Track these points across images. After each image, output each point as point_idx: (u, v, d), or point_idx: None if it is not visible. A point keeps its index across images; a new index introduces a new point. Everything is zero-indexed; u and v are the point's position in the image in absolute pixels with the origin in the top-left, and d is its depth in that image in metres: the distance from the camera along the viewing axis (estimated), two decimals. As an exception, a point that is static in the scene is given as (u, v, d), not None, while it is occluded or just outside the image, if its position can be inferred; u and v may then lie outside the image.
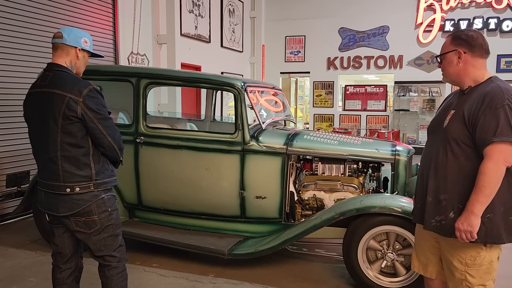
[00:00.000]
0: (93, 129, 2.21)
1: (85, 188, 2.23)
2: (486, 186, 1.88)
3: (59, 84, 2.19)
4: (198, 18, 8.92)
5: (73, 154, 2.21)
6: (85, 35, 2.36)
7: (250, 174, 3.53)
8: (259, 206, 3.57)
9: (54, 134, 2.18)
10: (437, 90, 11.26)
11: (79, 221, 2.26)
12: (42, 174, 2.29)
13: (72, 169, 2.21)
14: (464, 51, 2.03)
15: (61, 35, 2.28)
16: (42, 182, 2.29)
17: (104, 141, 2.26)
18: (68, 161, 2.20)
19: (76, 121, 2.18)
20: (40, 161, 2.30)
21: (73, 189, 2.21)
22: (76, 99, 2.16)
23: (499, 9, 10.53)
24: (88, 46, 2.36)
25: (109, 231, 2.33)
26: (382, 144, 3.63)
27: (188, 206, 3.71)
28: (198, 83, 3.68)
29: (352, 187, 3.53)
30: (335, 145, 3.56)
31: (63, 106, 2.15)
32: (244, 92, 3.52)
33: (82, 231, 2.28)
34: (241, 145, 3.50)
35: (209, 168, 3.57)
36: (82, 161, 2.23)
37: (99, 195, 2.27)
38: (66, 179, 2.21)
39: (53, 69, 2.27)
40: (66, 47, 2.28)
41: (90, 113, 2.18)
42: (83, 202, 2.23)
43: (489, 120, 1.89)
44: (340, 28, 12.12)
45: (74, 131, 2.19)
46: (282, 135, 3.63)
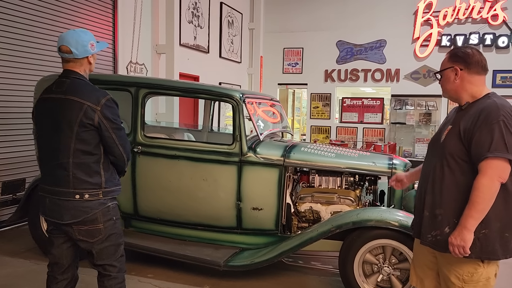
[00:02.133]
0: (107, 138, 2.24)
1: (94, 195, 2.23)
2: (479, 201, 1.89)
3: (77, 92, 2.21)
4: (197, 28, 8.99)
5: (85, 161, 2.22)
6: (89, 38, 2.31)
7: (247, 185, 3.53)
8: (256, 217, 3.56)
9: (67, 140, 2.19)
10: (433, 104, 11.33)
11: (82, 229, 2.24)
12: (49, 179, 2.26)
13: (83, 176, 2.21)
14: (461, 68, 2.06)
15: (69, 50, 2.23)
16: (48, 188, 2.26)
17: (116, 150, 2.29)
18: (79, 168, 2.21)
19: (91, 129, 2.20)
20: (47, 167, 2.28)
21: (82, 196, 2.21)
22: (94, 107, 2.18)
23: (495, 25, 10.66)
24: (95, 48, 2.34)
25: (112, 240, 2.32)
26: (379, 157, 3.65)
27: (184, 216, 3.70)
28: (196, 93, 3.70)
29: (348, 200, 3.54)
30: (332, 158, 3.57)
31: (80, 114, 2.16)
32: (243, 103, 3.54)
33: (84, 240, 2.26)
34: (238, 156, 3.51)
35: (206, 179, 3.57)
36: (93, 169, 2.24)
37: (106, 203, 2.27)
38: (76, 185, 2.20)
39: (70, 76, 2.27)
40: (78, 60, 2.27)
41: (106, 122, 2.21)
42: (89, 210, 2.22)
43: (484, 135, 1.91)
44: (338, 41, 12.21)
45: (88, 138, 2.20)
46: (279, 147, 3.64)
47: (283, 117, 4.52)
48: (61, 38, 2.27)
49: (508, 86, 10.69)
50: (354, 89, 13.48)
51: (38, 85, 4.01)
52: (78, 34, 2.29)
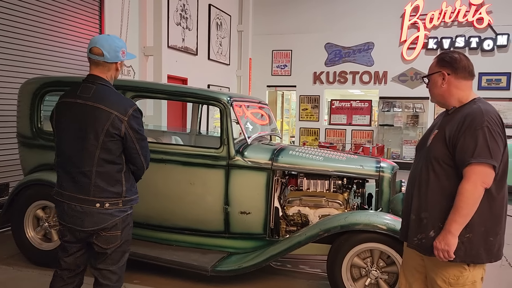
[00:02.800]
0: (131, 148, 2.24)
1: (114, 204, 2.22)
2: (463, 206, 1.90)
3: (104, 100, 2.19)
4: (186, 30, 8.94)
5: (107, 170, 2.20)
6: (122, 45, 2.31)
7: (235, 189, 3.50)
8: (244, 221, 3.54)
9: (92, 148, 2.16)
10: (420, 106, 11.44)
11: (100, 235, 2.23)
12: (68, 186, 2.23)
13: (104, 185, 2.20)
14: (448, 73, 2.08)
15: (101, 53, 2.23)
16: (67, 194, 2.22)
17: (138, 161, 2.29)
18: (101, 177, 2.19)
19: (117, 139, 2.19)
20: (66, 173, 2.24)
21: (102, 205, 2.20)
22: (122, 117, 2.17)
23: (480, 28, 10.81)
24: (125, 56, 2.35)
25: (124, 246, 2.33)
26: (366, 160, 3.65)
27: (171, 221, 3.66)
28: (184, 97, 3.67)
29: (336, 203, 3.53)
30: (320, 161, 3.57)
31: (107, 123, 2.15)
32: (230, 106, 3.51)
33: (100, 246, 2.26)
34: (226, 160, 3.48)
35: (193, 183, 3.54)
36: (115, 178, 2.23)
37: (126, 211, 2.29)
38: (96, 194, 2.19)
39: (96, 82, 2.24)
40: (107, 64, 2.26)
41: (132, 132, 2.21)
42: (110, 217, 2.21)
43: (468, 141, 1.92)
44: (326, 44, 12.27)
45: (113, 148, 2.19)
46: (267, 150, 3.62)
47: (271, 119, 4.51)
48: (94, 40, 2.26)
49: (493, 89, 10.85)
50: (343, 91, 13.55)
51: (22, 88, 3.94)
52: (112, 39, 2.30)
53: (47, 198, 3.63)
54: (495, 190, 1.96)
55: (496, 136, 1.92)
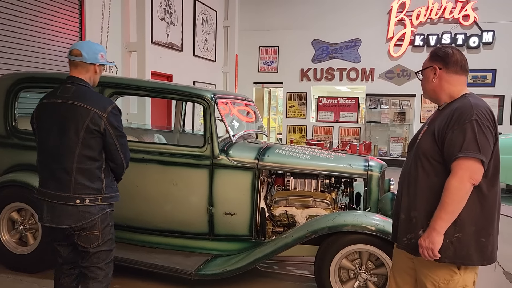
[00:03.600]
0: (111, 144, 2.31)
1: (94, 200, 2.28)
2: (449, 202, 1.83)
3: (84, 98, 2.28)
4: (170, 26, 8.75)
5: (88, 166, 2.27)
6: (101, 49, 2.44)
7: (219, 189, 3.38)
8: (228, 223, 3.42)
9: (73, 145, 2.23)
10: (407, 103, 11.45)
11: (81, 235, 2.29)
12: (47, 183, 2.30)
13: (84, 181, 2.25)
14: (440, 67, 2.01)
15: (79, 53, 2.34)
16: (47, 193, 2.28)
17: (117, 158, 2.36)
18: (81, 173, 2.25)
19: (97, 135, 2.26)
20: (48, 171, 2.31)
21: (82, 201, 2.25)
22: (101, 114, 2.26)
23: (466, 25, 10.84)
24: (104, 60, 2.45)
25: (107, 245, 2.39)
26: (354, 159, 3.56)
27: (153, 223, 3.52)
28: (166, 94, 3.52)
29: (324, 203, 3.43)
30: (308, 160, 3.46)
31: (87, 120, 2.23)
32: (214, 104, 3.38)
33: (82, 245, 2.33)
34: (210, 159, 3.35)
35: (176, 183, 3.40)
36: (95, 174, 2.29)
37: (105, 209, 2.33)
38: (77, 190, 2.24)
39: (76, 83, 2.33)
40: (85, 65, 2.36)
41: (111, 129, 2.29)
42: (89, 215, 2.26)
43: (456, 135, 1.85)
44: (313, 40, 12.19)
45: (93, 144, 2.26)
46: (253, 149, 3.50)
47: (257, 117, 4.39)
48: (74, 44, 2.41)
49: (479, 85, 10.89)
50: (330, 88, 13.50)
51: (-5, 85, 3.75)
52: (92, 43, 2.46)
53: (22, 200, 3.47)
54: (486, 188, 1.88)
55: (485, 130, 1.84)
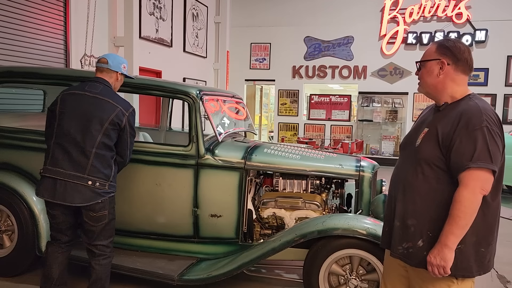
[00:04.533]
0: (124, 141, 2.67)
1: (102, 185, 2.57)
2: (461, 216, 1.67)
3: (111, 97, 2.64)
4: (160, 21, 8.56)
5: (104, 153, 2.57)
6: (124, 61, 2.85)
7: (205, 190, 3.23)
8: (214, 225, 3.27)
9: (96, 133, 2.53)
10: (399, 101, 11.37)
11: (90, 215, 2.57)
12: (62, 163, 2.53)
13: (99, 166, 2.55)
14: (448, 63, 1.82)
15: (106, 61, 2.75)
16: (60, 171, 2.52)
17: (125, 154, 2.73)
18: (98, 158, 2.55)
19: (117, 128, 2.60)
20: (63, 151, 2.55)
21: (94, 183, 2.54)
22: (124, 112, 2.63)
23: (459, 23, 10.77)
24: (126, 71, 2.85)
25: (111, 223, 2.70)
26: (346, 159, 3.43)
27: (135, 224, 3.36)
28: (149, 90, 3.35)
29: (314, 204, 3.30)
30: (297, 160, 3.32)
31: (113, 114, 2.57)
32: (200, 101, 3.23)
33: (91, 224, 2.60)
34: (195, 158, 3.20)
35: (159, 184, 3.25)
36: (108, 162, 2.61)
37: (110, 193, 2.64)
38: (91, 173, 2.53)
39: (103, 83, 2.70)
40: (110, 71, 2.75)
41: (129, 127, 2.65)
42: (99, 196, 2.55)
43: (465, 143, 1.69)
44: (305, 37, 12.06)
45: (112, 136, 2.59)
46: (240, 148, 3.36)
47: (247, 115, 4.24)
48: (103, 55, 2.82)
49: (471, 84, 10.81)
50: (322, 86, 13.39)
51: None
52: (117, 55, 2.93)
53: (-3, 201, 3.29)
54: (490, 197, 1.74)
55: (496, 137, 1.69)
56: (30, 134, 3.40)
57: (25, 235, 3.28)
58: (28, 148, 3.37)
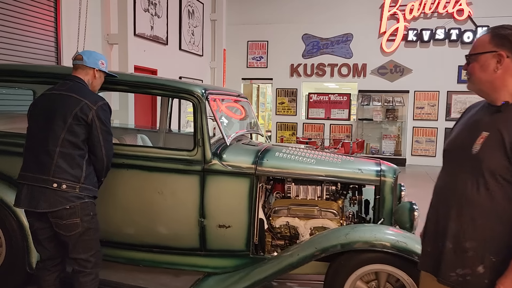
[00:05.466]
0: (94, 137, 2.42)
1: (71, 187, 2.33)
2: None
3: (77, 91, 2.44)
4: (155, 18, 8.24)
5: (70, 152, 2.35)
6: (102, 57, 2.66)
7: (212, 198, 2.95)
8: (223, 236, 2.99)
9: (59, 130, 2.33)
10: (400, 100, 11.15)
11: (60, 224, 2.33)
12: (30, 166, 2.37)
13: (65, 166, 2.33)
14: (507, 55, 1.54)
15: (81, 58, 2.57)
16: (28, 175, 2.36)
17: (98, 151, 2.45)
18: (63, 158, 2.34)
19: (83, 124, 2.37)
20: (31, 154, 2.39)
21: (60, 185, 2.31)
22: (91, 106, 2.40)
23: (460, 20, 10.58)
24: (104, 67, 2.65)
25: (90, 234, 2.42)
26: (364, 163, 3.16)
27: (136, 237, 3.07)
28: (149, 89, 3.05)
29: (331, 212, 3.03)
30: (313, 165, 3.05)
31: (77, 108, 2.36)
32: (205, 100, 2.94)
33: (62, 233, 2.36)
34: (201, 164, 2.91)
35: (162, 192, 2.96)
36: (76, 161, 2.37)
37: (83, 198, 2.37)
38: (56, 174, 2.31)
39: (73, 80, 2.53)
40: (85, 68, 2.57)
41: (98, 122, 2.40)
42: (66, 201, 2.31)
43: None
44: (303, 35, 11.80)
45: (78, 132, 2.36)
46: (250, 152, 3.07)
47: (251, 115, 3.95)
48: (79, 52, 2.65)
49: (473, 82, 10.63)
50: (321, 85, 13.14)
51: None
52: (94, 52, 2.66)
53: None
54: None
55: None
56: (18, 138, 3.09)
57: (14, 249, 2.98)
58: (16, 153, 3.05)
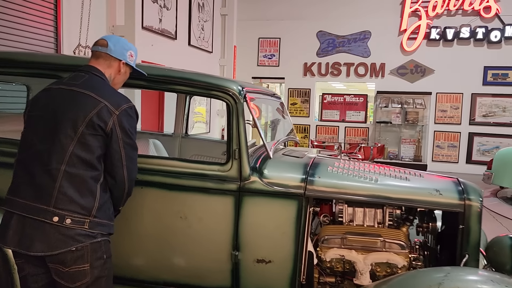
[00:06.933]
0: (114, 152, 1.85)
1: (77, 222, 1.75)
2: None
3: (96, 88, 1.87)
4: (163, 10, 7.62)
5: (80, 172, 1.77)
6: (131, 47, 2.12)
7: (249, 226, 2.31)
8: (262, 274, 2.35)
9: (66, 141, 1.77)
10: (421, 102, 10.50)
11: (61, 271, 1.75)
12: (22, 190, 1.78)
13: (71, 193, 1.75)
14: None
15: (106, 44, 2.01)
16: (18, 202, 1.76)
17: (119, 172, 1.88)
18: (70, 181, 1.76)
19: (100, 134, 1.81)
20: (25, 173, 1.80)
21: (63, 219, 1.73)
22: (112, 110, 1.84)
23: (487, 18, 9.94)
24: (133, 61, 2.12)
25: (101, 284, 1.83)
26: (440, 182, 2.52)
27: (152, 273, 2.42)
28: (172, 84, 2.39)
29: (397, 244, 2.39)
30: (375, 183, 2.41)
31: (93, 112, 1.79)
32: (243, 100, 2.30)
33: (63, 284, 1.78)
34: (236, 182, 2.27)
35: (185, 217, 2.32)
36: (88, 186, 1.79)
37: (95, 237, 1.80)
38: (58, 203, 1.73)
39: (90, 72, 1.95)
40: (109, 58, 2.01)
41: (120, 132, 1.85)
42: (71, 241, 1.73)
43: None
44: (318, 32, 11.18)
45: (93, 145, 1.79)
46: (296, 167, 2.43)
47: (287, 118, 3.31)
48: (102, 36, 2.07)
49: (500, 84, 10.03)
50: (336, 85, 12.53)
51: None
52: (124, 39, 2.12)
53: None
54: None
55: None
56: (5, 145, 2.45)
57: (-4, 287, 2.35)
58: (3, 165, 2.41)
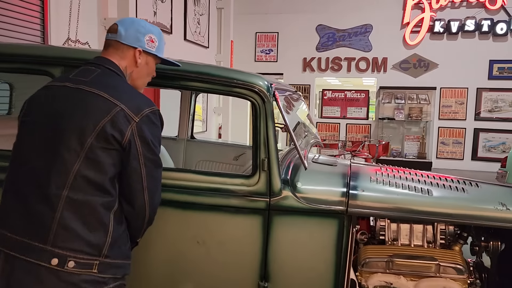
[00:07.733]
0: (133, 171, 1.39)
1: (84, 266, 1.29)
2: None
3: (109, 87, 1.42)
4: (158, 2, 7.17)
5: (88, 199, 1.33)
6: (152, 29, 1.59)
7: (280, 251, 1.91)
8: (295, 308, 1.96)
9: (70, 157, 1.32)
10: (425, 97, 10.18)
11: None
12: (13, 221, 1.34)
13: (76, 225, 1.31)
14: None
15: (115, 29, 1.55)
16: (7, 237, 1.33)
17: (138, 197, 1.42)
18: (74, 209, 1.31)
19: (115, 148, 1.36)
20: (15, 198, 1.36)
21: (64, 262, 1.28)
22: (131, 115, 1.38)
23: (492, 10, 9.64)
24: (155, 48, 1.58)
25: None
26: (500, 192, 2.14)
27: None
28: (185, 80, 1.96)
29: (454, 268, 2.01)
30: (430, 198, 2.02)
31: (106, 118, 1.35)
32: (272, 99, 1.89)
33: None
34: (265, 198, 1.87)
35: (203, 241, 1.91)
36: (99, 216, 1.34)
37: (107, 283, 1.36)
38: (58, 240, 1.29)
39: (102, 66, 1.50)
40: (121, 47, 1.54)
41: (141, 144, 1.39)
42: None
43: None
44: (318, 26, 10.80)
45: (105, 162, 1.35)
46: (334, 178, 2.04)
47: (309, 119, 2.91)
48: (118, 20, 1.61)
49: (506, 78, 9.73)
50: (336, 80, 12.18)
51: None
52: (141, 20, 1.62)
53: None
54: None
55: None
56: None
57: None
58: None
